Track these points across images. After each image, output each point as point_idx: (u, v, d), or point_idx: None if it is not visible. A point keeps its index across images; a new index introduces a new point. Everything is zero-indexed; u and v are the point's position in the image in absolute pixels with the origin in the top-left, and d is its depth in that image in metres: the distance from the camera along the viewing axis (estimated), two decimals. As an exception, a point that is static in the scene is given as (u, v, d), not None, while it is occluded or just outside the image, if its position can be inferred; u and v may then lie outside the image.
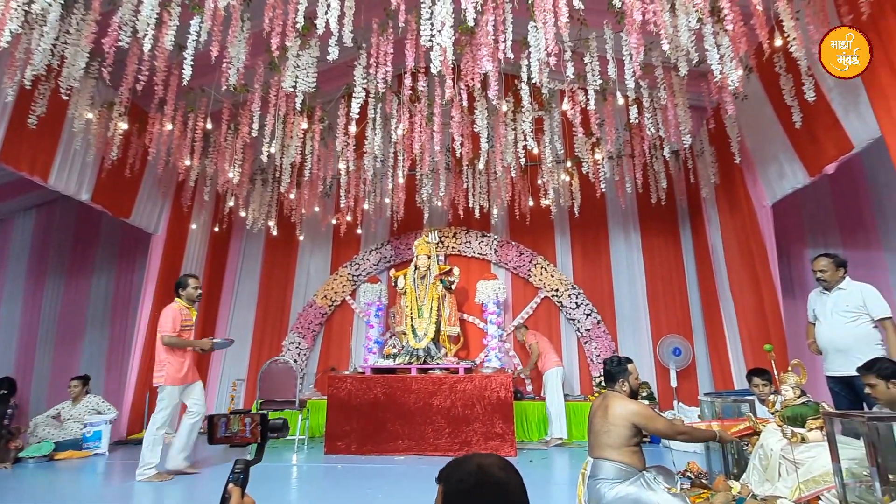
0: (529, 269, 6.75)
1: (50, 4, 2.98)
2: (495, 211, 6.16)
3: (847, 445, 2.47)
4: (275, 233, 6.29)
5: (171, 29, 3.13)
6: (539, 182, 5.68)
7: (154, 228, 5.81)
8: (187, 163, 4.74)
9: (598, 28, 3.69)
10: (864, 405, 3.35)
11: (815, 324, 3.80)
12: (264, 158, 3.95)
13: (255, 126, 3.88)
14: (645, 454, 2.64)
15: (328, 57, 3.09)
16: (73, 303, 6.94)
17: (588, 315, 6.50)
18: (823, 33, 2.92)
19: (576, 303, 6.54)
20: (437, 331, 5.81)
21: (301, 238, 6.96)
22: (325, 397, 5.39)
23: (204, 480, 4.02)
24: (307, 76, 3.45)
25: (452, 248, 6.95)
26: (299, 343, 6.76)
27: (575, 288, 6.61)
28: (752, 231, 4.97)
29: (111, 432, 5.19)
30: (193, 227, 6.20)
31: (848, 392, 3.51)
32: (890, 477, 2.17)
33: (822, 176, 4.05)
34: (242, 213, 5.88)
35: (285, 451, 5.18)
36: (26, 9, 2.96)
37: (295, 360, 6.57)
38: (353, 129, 4.10)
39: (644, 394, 5.66)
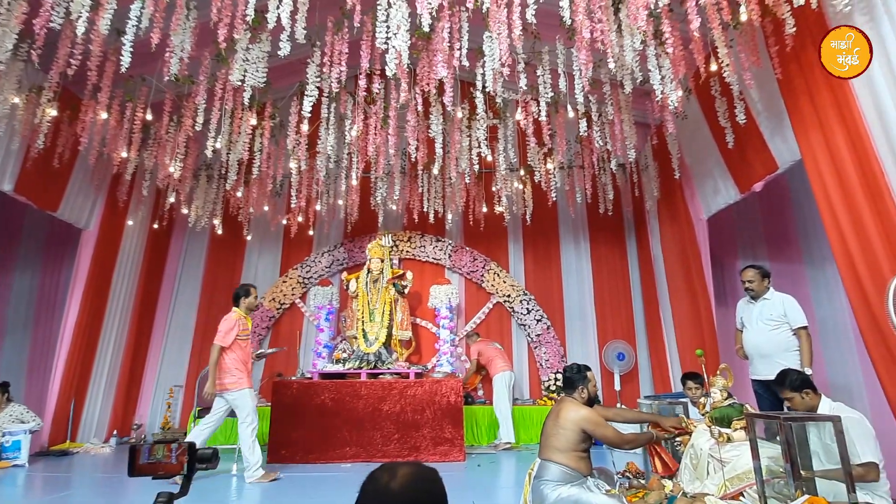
0: (482, 275, 6.83)
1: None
2: (450, 216, 6.20)
3: (768, 445, 2.66)
4: (220, 232, 6.01)
5: (108, 12, 2.94)
6: (493, 189, 5.77)
7: (85, 224, 5.42)
8: (124, 155, 4.46)
9: (550, 42, 3.81)
10: (784, 407, 3.62)
11: (742, 330, 4.07)
12: (209, 153, 3.77)
13: (200, 120, 3.71)
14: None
15: (279, 52, 3.01)
16: (-9, 302, 6.35)
17: (538, 321, 6.65)
18: (756, 59, 3.15)
19: (527, 308, 6.68)
20: (389, 335, 5.76)
21: (249, 238, 6.70)
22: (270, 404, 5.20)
23: None
24: (257, 70, 3.34)
25: (407, 252, 6.92)
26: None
27: (526, 294, 6.75)
28: (689, 243, 5.27)
29: (32, 443, 4.77)
30: (130, 223, 5.84)
31: (770, 394, 3.77)
32: (802, 473, 2.34)
33: (751, 193, 4.36)
34: (185, 210, 5.59)
35: (224, 462, 4.93)
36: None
37: (239, 365, 6.31)
38: (305, 127, 4.01)
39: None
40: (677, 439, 3.22)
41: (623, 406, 6.00)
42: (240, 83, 3.29)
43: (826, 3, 2.85)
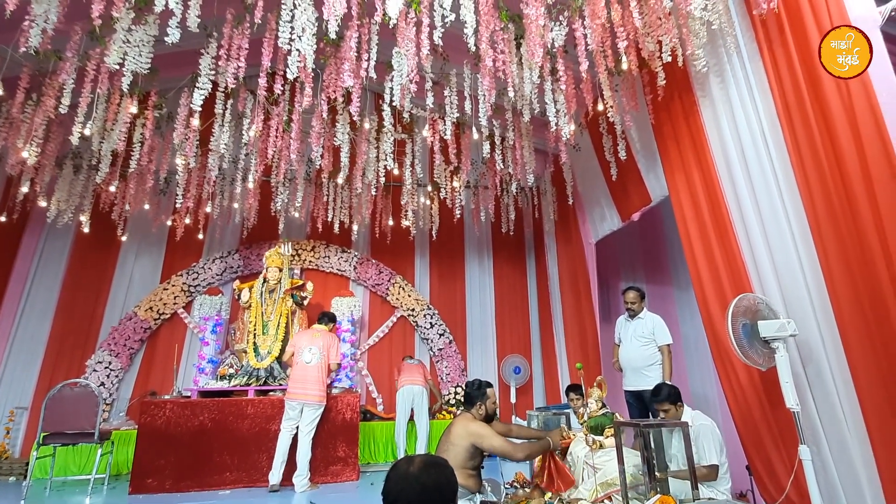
0: (388, 288, 6.77)
1: None
2: (356, 227, 6.08)
3: (633, 453, 2.92)
4: (87, 230, 5.27)
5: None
6: (401, 202, 5.78)
7: None
8: (-39, 133, 3.74)
9: (458, 65, 3.94)
10: (651, 415, 4.02)
11: (619, 345, 4.48)
12: (75, 140, 3.30)
13: (67, 102, 3.24)
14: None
15: (167, 39, 2.75)
16: None
17: (441, 335, 6.73)
18: (653, 101, 3.52)
19: (430, 323, 6.73)
20: (283, 349, 5.44)
21: (124, 239, 5.96)
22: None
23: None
24: (140, 55, 3.01)
25: (310, 262, 6.64)
26: (110, 363, 5.71)
27: (430, 308, 6.81)
28: (580, 264, 5.70)
29: None
30: (-33, 213, 4.90)
31: (640, 404, 4.18)
32: (657, 474, 2.60)
33: (631, 222, 4.85)
34: (43, 203, 4.83)
35: (76, 494, 4.27)
36: None
37: (102, 384, 5.55)
38: (196, 122, 3.69)
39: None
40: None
41: (518, 419, 6.26)
42: (118, 66, 2.94)
43: (690, 62, 3.30)
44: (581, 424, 3.45)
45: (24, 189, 4.42)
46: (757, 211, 3.05)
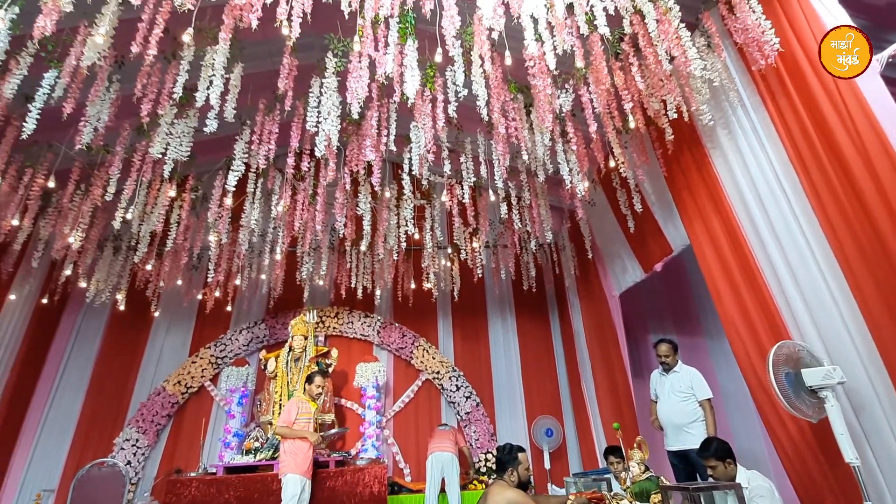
0: (412, 352, 6.71)
1: None
2: (379, 292, 6.16)
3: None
4: (122, 307, 5.46)
5: (17, 77, 2.81)
6: (422, 266, 5.88)
7: (-47, 298, 4.71)
8: (15, 223, 4.04)
9: (472, 133, 4.16)
10: (698, 477, 3.76)
11: (656, 402, 4.28)
12: (117, 224, 3.53)
13: (112, 189, 3.51)
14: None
15: (206, 129, 3.01)
16: None
17: (468, 398, 6.54)
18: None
19: (456, 385, 6.57)
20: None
21: (156, 314, 6.13)
22: (163, 508, 4.50)
23: None
24: (181, 145, 3.29)
25: (334, 328, 6.68)
26: (137, 440, 5.67)
27: (455, 370, 6.68)
28: (605, 318, 5.61)
29: None
30: (12, 297, 5.15)
31: (685, 465, 3.92)
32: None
33: (654, 272, 4.81)
34: (83, 284, 5.06)
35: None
36: None
37: (128, 463, 5.48)
38: (229, 201, 3.92)
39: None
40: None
41: (555, 487, 5.89)
42: (160, 156, 3.21)
43: (696, 117, 3.43)
44: (624, 491, 3.25)
45: (67, 272, 4.67)
46: (783, 254, 3.02)
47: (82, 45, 2.65)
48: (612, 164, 3.85)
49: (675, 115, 3.22)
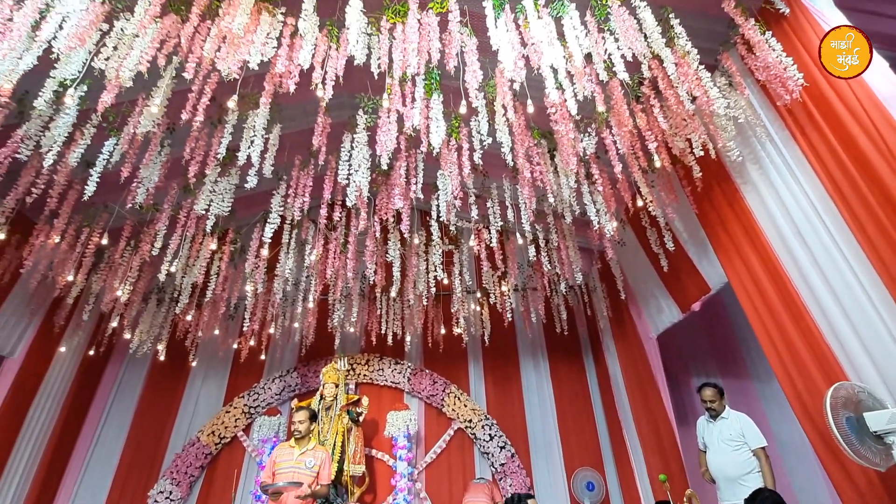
0: (443, 399, 6.57)
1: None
2: (409, 338, 6.15)
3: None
4: (162, 357, 5.63)
5: (81, 147, 3.10)
6: (451, 311, 5.86)
7: (10, 351, 4.97)
8: (70, 278, 4.31)
9: (497, 178, 4.25)
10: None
11: (705, 452, 4.01)
12: (162, 277, 3.73)
13: (159, 245, 3.73)
14: None
15: (246, 185, 3.20)
16: None
17: (502, 448, 6.28)
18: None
19: (489, 434, 6.35)
20: (340, 471, 5.23)
21: (194, 364, 6.28)
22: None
23: None
24: (223, 201, 3.50)
25: (364, 375, 6.64)
26: (171, 492, 5.66)
27: (488, 418, 6.47)
28: (643, 361, 5.39)
29: None
30: (62, 349, 5.40)
31: (743, 523, 3.60)
32: None
33: (692, 312, 4.64)
34: (127, 335, 5.28)
35: None
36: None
37: (162, 516, 5.45)
38: (265, 252, 4.09)
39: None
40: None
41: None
42: (204, 212, 3.41)
43: (723, 154, 3.41)
44: (677, 551, 3.00)
45: (114, 324, 4.89)
46: (829, 288, 2.88)
47: (139, 115, 2.92)
48: (639, 203, 3.83)
49: (702, 153, 3.22)
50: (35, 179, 3.32)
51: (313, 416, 4.18)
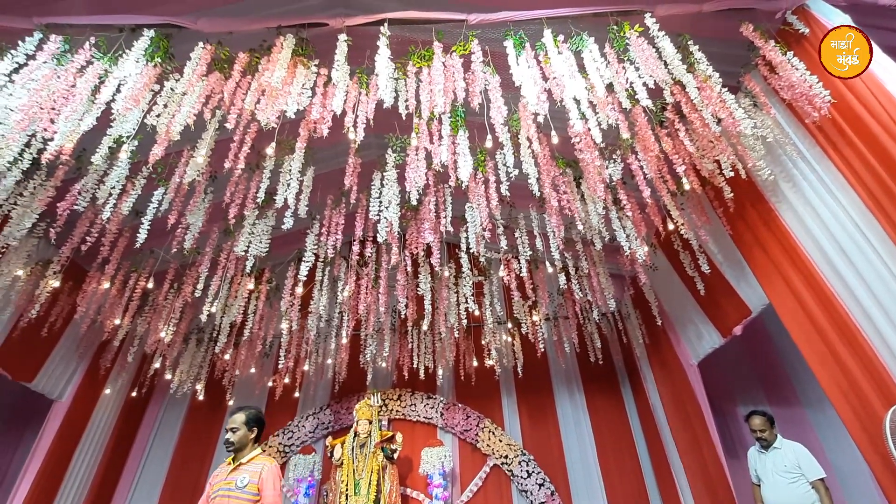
0: (477, 434, 6.42)
1: (9, 170, 3.07)
2: (441, 371, 6.10)
3: None
4: (201, 397, 5.75)
5: (132, 197, 3.31)
6: (483, 342, 5.82)
7: (59, 394, 5.16)
8: (117, 322, 4.51)
9: (524, 209, 4.30)
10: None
11: (759, 485, 3.78)
12: (203, 318, 3.87)
13: (200, 287, 3.89)
14: None
15: (283, 226, 3.33)
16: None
17: (541, 485, 6.06)
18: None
19: (527, 471, 6.14)
20: (377, 511, 5.13)
21: (230, 403, 6.36)
22: None
23: None
24: (261, 242, 3.65)
25: (396, 411, 6.58)
26: (209, 535, 5.63)
27: (525, 454, 6.27)
28: (684, 390, 5.18)
29: None
30: (107, 391, 5.58)
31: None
32: None
33: (733, 337, 4.48)
34: (168, 376, 5.43)
35: None
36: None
37: (200, 561, 5.41)
38: (299, 290, 4.20)
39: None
40: None
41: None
42: (244, 253, 3.56)
43: (753, 174, 3.38)
44: None
45: (156, 365, 5.05)
46: (878, 305, 2.76)
47: (185, 165, 3.12)
48: (670, 226, 3.80)
49: (732, 174, 3.19)
50: (89, 229, 3.55)
51: (254, 421, 3.01)
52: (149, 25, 2.76)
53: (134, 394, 5.61)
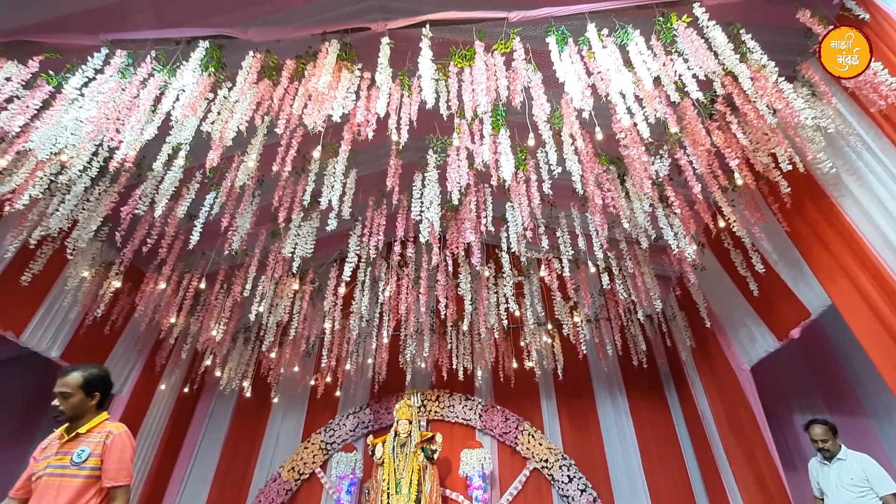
0: (516, 437, 6.35)
1: (79, 177, 3.30)
2: (479, 373, 6.08)
3: None
4: (248, 394, 5.97)
5: (187, 201, 3.48)
6: (522, 344, 5.75)
7: (118, 389, 5.48)
8: (172, 320, 4.74)
9: (566, 208, 4.23)
10: None
11: (822, 499, 3.56)
12: (251, 317, 4.02)
13: (248, 287, 4.04)
14: None
15: (327, 227, 3.42)
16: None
17: (583, 490, 5.92)
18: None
19: (568, 476, 6.01)
20: (418, 510, 5.16)
21: (275, 401, 6.58)
22: None
23: None
24: (306, 243, 3.76)
25: (435, 412, 6.60)
26: (256, 529, 5.83)
27: (566, 458, 6.15)
28: (736, 396, 4.95)
29: None
30: (162, 387, 5.87)
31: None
32: None
33: (790, 340, 4.24)
34: (218, 373, 5.66)
35: None
36: (52, 178, 3.21)
37: (247, 553, 5.60)
38: (342, 290, 4.29)
39: None
40: None
41: None
42: (290, 255, 3.67)
43: (812, 167, 3.19)
44: None
45: (207, 362, 5.28)
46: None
47: (236, 170, 3.25)
48: (721, 224, 3.64)
49: (790, 167, 3.03)
50: (148, 233, 3.75)
51: (94, 383, 2.36)
52: (203, 37, 2.90)
53: (186, 389, 5.88)
